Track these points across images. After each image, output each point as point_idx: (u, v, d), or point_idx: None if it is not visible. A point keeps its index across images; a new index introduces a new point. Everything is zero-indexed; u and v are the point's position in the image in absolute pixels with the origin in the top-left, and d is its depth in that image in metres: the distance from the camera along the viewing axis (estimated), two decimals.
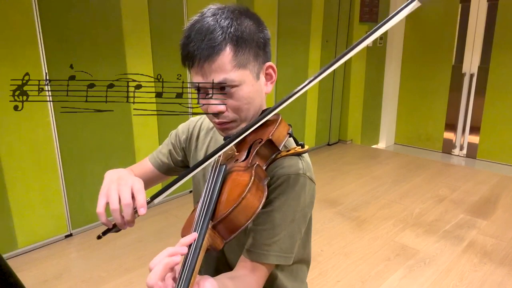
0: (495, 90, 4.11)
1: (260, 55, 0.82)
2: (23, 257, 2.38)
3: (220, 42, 0.76)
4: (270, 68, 0.86)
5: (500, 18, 3.97)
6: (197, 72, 0.79)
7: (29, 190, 2.36)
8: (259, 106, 0.84)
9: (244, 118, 0.82)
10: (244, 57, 0.78)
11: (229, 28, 0.77)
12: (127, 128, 2.74)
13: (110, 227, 0.77)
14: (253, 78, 0.81)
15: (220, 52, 0.76)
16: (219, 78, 0.77)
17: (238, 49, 0.77)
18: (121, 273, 2.23)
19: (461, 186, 3.42)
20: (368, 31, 0.68)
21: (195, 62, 0.78)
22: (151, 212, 2.92)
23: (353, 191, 3.33)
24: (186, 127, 1.06)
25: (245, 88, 0.80)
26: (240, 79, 0.78)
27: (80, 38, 2.41)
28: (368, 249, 2.46)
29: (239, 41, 0.78)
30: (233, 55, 0.77)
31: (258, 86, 0.83)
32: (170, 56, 2.86)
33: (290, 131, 0.83)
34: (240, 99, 0.80)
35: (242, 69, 0.78)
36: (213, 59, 0.76)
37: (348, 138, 4.65)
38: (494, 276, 2.18)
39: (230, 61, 0.77)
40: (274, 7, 3.48)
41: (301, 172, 0.81)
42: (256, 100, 0.83)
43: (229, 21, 0.78)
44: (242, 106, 0.80)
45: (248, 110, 0.82)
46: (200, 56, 0.77)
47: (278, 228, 0.80)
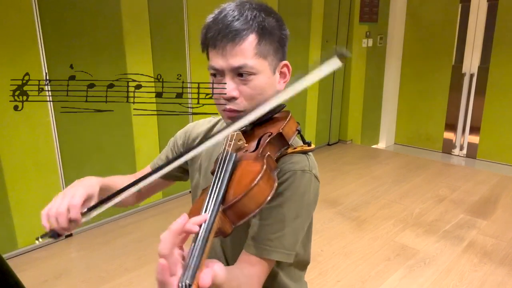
0: (495, 90, 4.11)
1: (279, 51, 0.84)
2: (23, 257, 2.38)
3: (247, 28, 0.78)
4: (286, 66, 0.87)
5: (500, 18, 3.97)
6: (218, 53, 0.80)
7: (29, 190, 2.36)
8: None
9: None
10: (266, 48, 0.80)
11: (256, 17, 0.79)
12: (127, 128, 2.74)
13: (47, 230, 0.82)
14: (270, 71, 0.83)
15: (245, 37, 0.78)
16: (239, 62, 0.78)
17: (261, 39, 0.80)
18: (121, 273, 2.23)
19: (461, 186, 3.42)
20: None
21: (218, 43, 0.79)
22: (151, 212, 2.92)
23: (353, 191, 3.33)
24: (183, 132, 1.07)
25: (261, 78, 0.81)
26: (259, 68, 0.80)
27: (80, 38, 2.41)
28: (368, 249, 2.46)
29: (264, 32, 0.80)
30: (256, 43, 0.79)
31: (274, 80, 0.84)
32: (170, 56, 2.86)
33: (298, 128, 0.84)
34: (255, 88, 0.80)
35: (262, 59, 0.80)
36: (237, 42, 0.78)
37: (348, 138, 4.65)
38: (494, 276, 2.18)
39: (253, 48, 0.79)
40: (274, 7, 3.47)
41: (307, 169, 0.81)
42: (269, 94, 0.83)
43: (256, 12, 0.80)
44: (255, 95, 0.81)
45: (260, 101, 0.80)
46: (224, 37, 0.78)
47: (282, 224, 0.79)
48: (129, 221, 2.80)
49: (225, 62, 0.79)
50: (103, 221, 2.75)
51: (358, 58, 4.41)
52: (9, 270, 0.98)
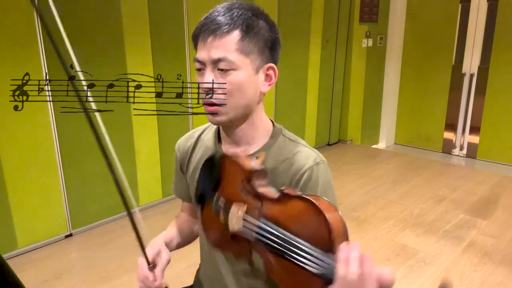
0: (495, 90, 4.11)
1: (266, 53, 0.84)
2: (23, 257, 2.38)
3: (230, 23, 0.80)
4: (272, 69, 0.87)
5: (500, 18, 3.97)
6: (201, 45, 0.82)
7: (29, 190, 2.35)
8: (251, 101, 0.85)
9: (233, 106, 0.83)
10: (249, 46, 0.81)
11: (243, 15, 0.81)
12: (127, 128, 2.74)
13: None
14: (252, 69, 0.83)
15: (228, 32, 0.80)
16: (219, 55, 0.79)
17: (245, 36, 0.81)
18: (121, 273, 2.23)
19: (461, 186, 3.42)
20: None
21: (201, 35, 0.82)
22: (151, 212, 2.92)
23: (353, 191, 3.33)
24: (175, 153, 1.07)
25: (240, 74, 0.81)
26: (239, 64, 0.81)
27: (80, 38, 2.41)
28: (368, 249, 2.46)
29: (249, 30, 0.81)
30: (239, 39, 0.80)
31: (255, 79, 0.84)
32: (170, 56, 2.86)
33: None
34: (233, 83, 0.81)
35: (243, 55, 0.81)
36: (218, 35, 0.80)
37: (348, 138, 4.65)
38: (494, 276, 2.18)
39: (235, 43, 0.80)
40: (274, 7, 3.48)
41: (319, 159, 0.87)
42: (249, 92, 0.84)
43: (243, 11, 0.82)
44: (233, 91, 0.81)
45: (239, 98, 0.83)
46: (207, 30, 0.80)
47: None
48: (129, 221, 2.80)
49: (206, 54, 0.81)
50: (103, 221, 2.75)
51: (358, 58, 4.41)
52: (9, 270, 0.98)
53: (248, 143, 0.91)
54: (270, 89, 0.88)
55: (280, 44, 0.88)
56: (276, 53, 0.87)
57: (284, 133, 0.93)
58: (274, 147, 0.90)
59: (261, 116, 0.90)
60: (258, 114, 0.89)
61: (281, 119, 3.81)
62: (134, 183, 2.85)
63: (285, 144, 0.90)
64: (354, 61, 4.38)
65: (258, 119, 0.89)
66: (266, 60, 0.85)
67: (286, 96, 3.84)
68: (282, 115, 3.82)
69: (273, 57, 0.86)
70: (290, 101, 3.90)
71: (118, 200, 0.78)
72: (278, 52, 0.88)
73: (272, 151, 0.89)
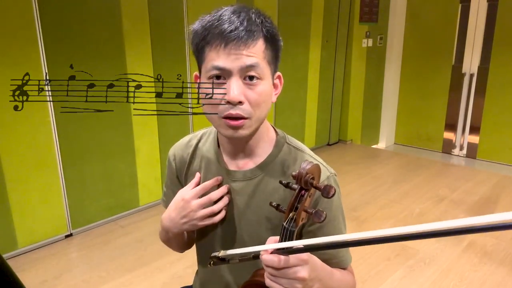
0: (495, 90, 4.11)
1: (277, 61, 0.82)
2: (23, 257, 2.38)
3: (257, 31, 0.75)
4: (279, 78, 0.85)
5: (500, 18, 3.97)
6: (223, 54, 0.73)
7: (29, 190, 2.36)
8: (268, 112, 0.82)
9: (258, 119, 0.78)
10: (270, 55, 0.78)
11: (263, 22, 0.76)
12: (127, 128, 2.74)
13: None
14: (271, 79, 0.80)
15: (257, 39, 0.74)
16: (252, 61, 0.73)
17: (268, 45, 0.77)
18: (121, 273, 2.23)
19: (461, 186, 3.42)
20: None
21: (230, 42, 0.73)
22: (151, 212, 2.92)
23: (353, 191, 3.33)
24: (168, 164, 1.03)
25: (266, 84, 0.78)
26: (266, 73, 0.77)
27: (80, 38, 2.41)
28: (368, 249, 2.46)
29: (271, 38, 0.77)
30: (264, 48, 0.76)
31: (272, 90, 0.82)
32: (170, 56, 2.86)
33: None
34: (260, 93, 0.76)
35: (268, 64, 0.77)
36: (250, 43, 0.73)
37: (348, 138, 4.65)
38: (494, 276, 2.18)
39: (262, 51, 0.76)
40: (274, 7, 3.48)
41: (328, 173, 0.85)
42: (269, 104, 0.80)
43: (262, 18, 0.77)
44: (260, 102, 0.76)
45: (262, 110, 0.78)
46: (235, 37, 0.72)
47: (339, 231, 0.86)
48: (129, 221, 2.80)
49: (235, 61, 0.73)
50: (103, 221, 2.75)
51: (358, 58, 4.41)
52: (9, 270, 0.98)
53: (250, 155, 0.88)
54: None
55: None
56: (279, 61, 0.84)
57: (289, 141, 0.89)
58: (279, 157, 0.86)
59: (266, 126, 0.87)
60: (264, 124, 0.85)
61: (281, 119, 3.81)
62: (134, 183, 2.85)
63: (291, 154, 0.87)
64: (354, 61, 4.38)
65: (263, 129, 0.86)
66: (275, 68, 0.82)
67: (286, 96, 3.84)
68: (282, 115, 3.82)
69: (277, 65, 0.83)
70: (290, 101, 3.90)
71: (118, 200, 0.78)
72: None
73: (277, 163, 0.86)
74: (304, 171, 0.64)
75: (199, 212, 0.84)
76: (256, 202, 0.87)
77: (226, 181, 0.89)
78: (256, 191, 0.86)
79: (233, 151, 0.88)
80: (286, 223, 0.66)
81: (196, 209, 0.84)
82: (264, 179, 0.86)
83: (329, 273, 0.79)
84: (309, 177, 0.65)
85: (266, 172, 0.86)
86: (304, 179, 0.64)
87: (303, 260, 0.65)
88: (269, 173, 0.86)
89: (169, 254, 2.32)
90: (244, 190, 0.88)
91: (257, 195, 0.86)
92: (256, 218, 0.87)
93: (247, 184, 0.87)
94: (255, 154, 0.87)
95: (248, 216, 0.88)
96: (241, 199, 0.88)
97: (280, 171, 0.85)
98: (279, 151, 0.87)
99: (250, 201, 0.87)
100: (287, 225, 0.66)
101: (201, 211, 0.84)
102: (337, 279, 0.82)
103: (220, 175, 0.90)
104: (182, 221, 0.86)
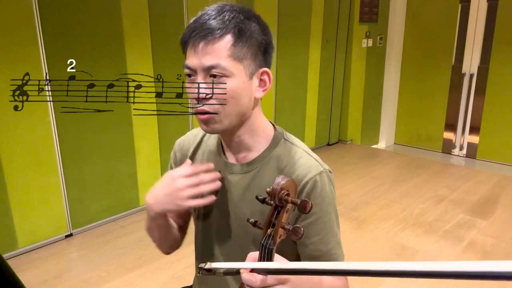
0: (495, 90, 4.11)
1: (259, 57, 0.81)
2: (23, 257, 2.38)
3: (222, 28, 0.76)
4: (266, 74, 0.84)
5: (500, 18, 3.97)
6: (191, 51, 0.78)
7: (29, 190, 2.36)
8: (246, 108, 0.82)
9: (227, 114, 0.80)
10: (242, 51, 0.78)
11: (234, 19, 0.77)
12: (127, 128, 2.74)
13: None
14: (245, 76, 0.79)
15: (220, 37, 0.76)
16: (211, 62, 0.76)
17: (238, 41, 0.77)
18: (121, 273, 2.23)
19: (461, 186, 3.42)
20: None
21: (191, 41, 0.78)
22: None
23: (353, 191, 3.33)
24: (173, 155, 1.04)
25: (234, 81, 0.78)
26: (232, 71, 0.77)
27: (80, 38, 2.41)
28: (368, 249, 2.46)
29: (241, 34, 0.77)
30: (232, 45, 0.77)
31: (249, 86, 0.81)
32: (170, 56, 2.86)
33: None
34: (227, 90, 0.77)
35: (237, 61, 0.77)
36: (210, 41, 0.76)
37: (348, 138, 4.65)
38: None
39: (228, 49, 0.76)
40: (274, 7, 3.48)
41: (321, 168, 0.85)
42: (243, 100, 0.80)
43: (235, 14, 0.78)
44: (228, 98, 0.78)
45: (232, 106, 0.79)
46: (198, 35, 0.77)
47: (331, 229, 0.86)
48: (129, 221, 2.80)
49: (198, 61, 0.77)
50: (103, 221, 2.75)
51: (358, 58, 4.41)
52: (9, 270, 0.98)
53: (247, 150, 0.88)
54: (266, 93, 0.86)
55: (273, 47, 0.85)
56: (269, 57, 0.84)
57: (286, 137, 0.90)
58: (275, 152, 0.87)
59: (259, 121, 0.87)
60: (256, 119, 0.86)
61: (281, 119, 3.82)
62: (134, 183, 2.85)
63: (286, 149, 0.87)
64: (354, 61, 4.38)
65: (256, 124, 0.86)
66: (259, 64, 0.81)
67: (286, 96, 3.84)
68: (282, 115, 3.83)
69: (266, 61, 0.83)
70: (290, 101, 3.90)
71: (118, 200, 0.78)
72: (271, 56, 0.85)
73: (273, 157, 0.87)
74: (278, 187, 0.62)
75: (185, 191, 0.83)
76: (250, 195, 0.88)
77: (224, 173, 0.91)
78: (251, 185, 0.88)
79: (228, 145, 0.91)
80: (264, 241, 0.65)
81: (183, 188, 0.83)
82: (259, 173, 0.88)
83: (317, 284, 0.79)
84: (284, 193, 0.63)
85: (261, 166, 0.88)
86: (278, 196, 0.62)
87: (282, 279, 0.64)
88: (264, 167, 0.87)
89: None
90: (240, 183, 0.89)
91: (252, 188, 0.88)
92: (249, 211, 0.88)
93: (243, 177, 0.89)
94: (252, 148, 0.88)
95: (243, 210, 0.89)
96: (237, 192, 0.90)
97: (275, 166, 0.87)
98: (275, 146, 0.88)
99: (245, 194, 0.89)
100: (265, 243, 0.64)
101: (187, 189, 0.83)
102: (327, 285, 0.82)
103: (219, 167, 0.91)
104: (166, 199, 0.84)
